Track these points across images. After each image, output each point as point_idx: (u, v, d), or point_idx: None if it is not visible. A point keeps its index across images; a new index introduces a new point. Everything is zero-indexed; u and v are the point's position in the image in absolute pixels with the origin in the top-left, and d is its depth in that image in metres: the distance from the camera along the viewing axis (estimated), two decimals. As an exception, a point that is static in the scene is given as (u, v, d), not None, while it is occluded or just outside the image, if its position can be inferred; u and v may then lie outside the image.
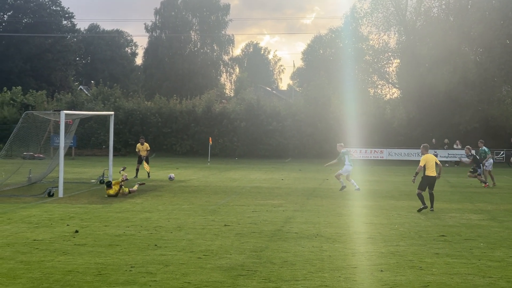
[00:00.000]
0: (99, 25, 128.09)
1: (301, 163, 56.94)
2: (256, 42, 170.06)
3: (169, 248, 15.80)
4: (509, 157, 59.31)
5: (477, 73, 62.19)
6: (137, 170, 39.64)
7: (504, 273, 13.54)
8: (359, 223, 20.69)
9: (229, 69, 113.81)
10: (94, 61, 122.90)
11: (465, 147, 39.23)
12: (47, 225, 19.37)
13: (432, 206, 23.67)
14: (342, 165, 32.22)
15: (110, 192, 27.65)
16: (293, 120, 66.37)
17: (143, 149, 39.82)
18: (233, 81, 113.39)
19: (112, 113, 37.51)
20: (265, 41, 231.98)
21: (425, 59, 64.92)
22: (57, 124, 30.99)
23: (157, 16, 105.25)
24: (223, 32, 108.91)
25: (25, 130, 34.06)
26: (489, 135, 59.55)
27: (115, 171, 37.08)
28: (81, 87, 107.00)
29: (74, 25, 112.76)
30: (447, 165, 57.38)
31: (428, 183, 23.74)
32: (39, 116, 34.95)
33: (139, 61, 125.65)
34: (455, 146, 60.85)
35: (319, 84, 68.99)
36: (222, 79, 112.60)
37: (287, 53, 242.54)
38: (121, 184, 28.30)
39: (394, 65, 71.68)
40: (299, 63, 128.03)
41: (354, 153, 61.64)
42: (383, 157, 61.74)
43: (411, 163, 56.18)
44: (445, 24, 66.13)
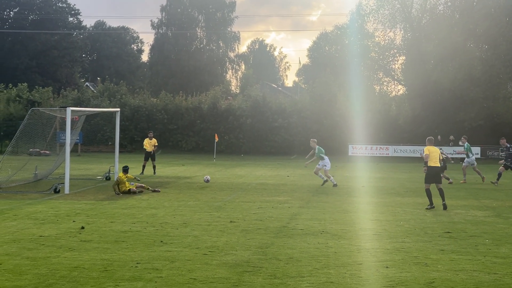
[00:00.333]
0: (105, 22, 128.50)
1: (306, 160, 56.85)
2: (261, 39, 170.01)
3: (175, 244, 15.83)
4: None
5: (482, 70, 62.11)
6: (144, 166, 39.50)
7: (509, 270, 13.53)
8: (364, 219, 20.69)
9: (234, 66, 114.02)
10: (100, 58, 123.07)
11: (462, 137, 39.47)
12: (53, 221, 19.41)
13: (443, 199, 23.37)
14: (320, 160, 32.58)
15: (122, 179, 27.61)
16: (298, 117, 66.38)
17: (150, 144, 39.62)
18: (238, 78, 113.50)
19: (118, 109, 37.51)
20: (271, 38, 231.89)
21: (430, 56, 64.88)
22: (63, 120, 31.01)
23: (163, 13, 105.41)
24: (229, 29, 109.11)
25: (31, 126, 34.11)
26: (494, 132, 59.46)
27: (121, 168, 37.10)
28: (87, 83, 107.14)
29: (80, 22, 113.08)
30: (452, 162, 57.25)
31: (432, 174, 23.54)
32: (45, 112, 34.98)
33: (145, 58, 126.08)
34: (461, 143, 60.64)
35: (324, 81, 68.97)
36: (227, 76, 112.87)
37: (293, 50, 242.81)
38: (132, 183, 28.36)
39: (399, 62, 71.74)
40: (305, 60, 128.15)
41: (359, 149, 61.88)
42: (388, 154, 61.71)
43: (416, 159, 56.17)
44: (451, 21, 66.04)
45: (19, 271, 12.86)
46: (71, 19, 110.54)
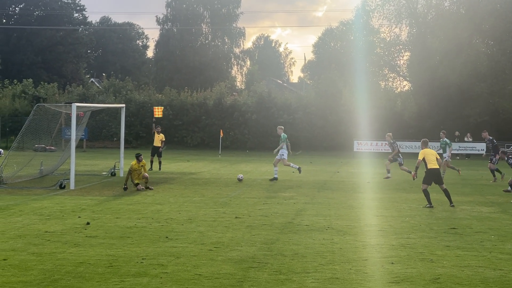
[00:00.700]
0: (110, 18, 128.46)
1: (312, 156, 56.86)
2: (267, 35, 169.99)
3: (180, 240, 15.85)
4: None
5: (488, 65, 62.05)
6: (151, 162, 39.30)
7: (515, 266, 13.54)
8: (370, 215, 20.69)
9: (240, 61, 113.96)
10: (105, 53, 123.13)
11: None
12: (58, 217, 19.45)
13: (451, 202, 23.17)
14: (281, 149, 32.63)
15: (135, 168, 27.41)
16: (304, 112, 66.35)
17: (158, 139, 39.43)
18: (244, 73, 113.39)
19: (123, 105, 37.53)
20: (277, 34, 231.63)
21: (436, 52, 64.82)
22: (69, 116, 31.03)
23: (169, 8, 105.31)
24: (234, 25, 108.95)
25: (36, 122, 34.12)
26: (500, 128, 59.42)
27: (126, 164, 37.03)
28: (92, 79, 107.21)
29: (85, 18, 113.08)
30: (458, 158, 57.32)
31: (432, 176, 23.11)
32: (50, 108, 34.99)
33: (150, 53, 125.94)
34: (466, 139, 60.72)
35: (330, 77, 68.97)
36: (233, 71, 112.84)
37: (298, 46, 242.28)
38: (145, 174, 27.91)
39: (405, 57, 71.64)
40: (310, 56, 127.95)
41: (364, 145, 61.73)
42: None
43: (422, 156, 56.00)
44: (457, 16, 65.91)
45: (25, 266, 12.88)
46: (76, 15, 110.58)
